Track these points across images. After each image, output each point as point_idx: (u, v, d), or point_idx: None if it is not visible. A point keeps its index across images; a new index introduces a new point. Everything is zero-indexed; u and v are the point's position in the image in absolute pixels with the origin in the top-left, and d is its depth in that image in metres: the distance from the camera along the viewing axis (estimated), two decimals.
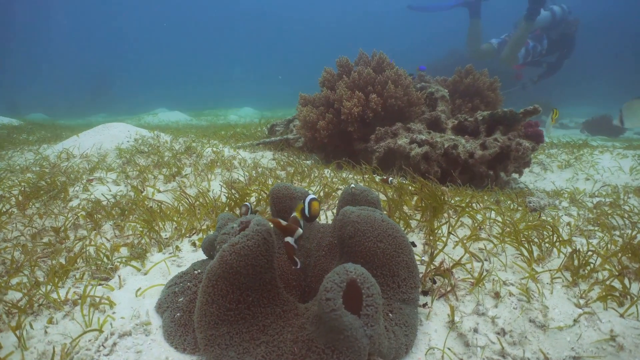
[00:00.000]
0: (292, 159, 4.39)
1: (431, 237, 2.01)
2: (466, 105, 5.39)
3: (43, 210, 2.81)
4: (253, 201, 2.87)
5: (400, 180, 3.31)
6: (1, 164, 4.64)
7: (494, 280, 1.68)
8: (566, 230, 2.41)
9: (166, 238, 2.32)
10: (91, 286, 1.78)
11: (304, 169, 3.76)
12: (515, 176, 4.35)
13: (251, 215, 1.46)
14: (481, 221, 2.23)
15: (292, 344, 1.30)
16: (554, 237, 2.02)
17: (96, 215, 2.67)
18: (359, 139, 4.57)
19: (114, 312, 1.61)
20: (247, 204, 1.88)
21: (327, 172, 3.69)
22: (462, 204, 2.48)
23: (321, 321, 1.24)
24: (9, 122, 9.72)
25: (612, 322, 1.42)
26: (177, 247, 2.20)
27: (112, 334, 1.42)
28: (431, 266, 1.75)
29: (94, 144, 4.64)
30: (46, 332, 1.50)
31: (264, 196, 2.80)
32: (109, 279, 1.92)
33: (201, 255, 2.09)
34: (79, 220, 2.66)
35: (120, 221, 2.60)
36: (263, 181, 3.27)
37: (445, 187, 2.98)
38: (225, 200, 2.83)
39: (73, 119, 18.27)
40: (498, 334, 1.42)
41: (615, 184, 4.12)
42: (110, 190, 3.26)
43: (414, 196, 2.58)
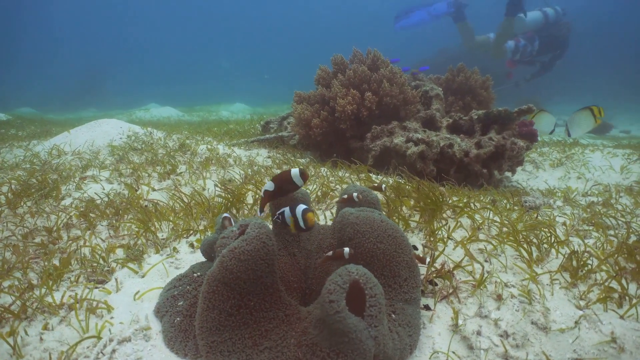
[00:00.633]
0: (287, 157, 4.36)
1: (432, 238, 2.01)
2: (458, 103, 5.41)
3: (35, 209, 2.75)
4: (250, 201, 2.84)
5: (397, 179, 3.30)
6: None
7: (495, 282, 1.69)
8: (562, 230, 2.43)
9: (163, 239, 2.28)
10: (88, 289, 1.74)
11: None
12: (508, 174, 4.38)
13: (250, 217, 1.44)
14: (480, 222, 2.24)
15: (295, 349, 1.29)
16: (551, 238, 2.04)
17: (90, 215, 2.61)
18: (353, 137, 4.55)
19: (112, 317, 1.58)
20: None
21: (324, 170, 3.67)
22: (460, 204, 2.49)
23: (325, 324, 1.23)
24: None
25: (613, 324, 1.43)
26: (174, 249, 2.16)
27: (111, 340, 1.39)
28: (432, 268, 1.75)
29: (85, 140, 4.55)
30: (42, 339, 1.45)
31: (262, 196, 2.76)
32: (106, 281, 1.87)
33: (199, 257, 2.06)
34: (72, 219, 2.60)
35: (114, 221, 2.55)
36: (260, 180, 3.24)
37: (442, 186, 2.99)
38: (221, 201, 2.79)
39: (62, 113, 17.88)
40: (501, 336, 1.42)
41: (606, 182, 4.18)
42: (104, 189, 3.19)
43: (412, 195, 2.57)
